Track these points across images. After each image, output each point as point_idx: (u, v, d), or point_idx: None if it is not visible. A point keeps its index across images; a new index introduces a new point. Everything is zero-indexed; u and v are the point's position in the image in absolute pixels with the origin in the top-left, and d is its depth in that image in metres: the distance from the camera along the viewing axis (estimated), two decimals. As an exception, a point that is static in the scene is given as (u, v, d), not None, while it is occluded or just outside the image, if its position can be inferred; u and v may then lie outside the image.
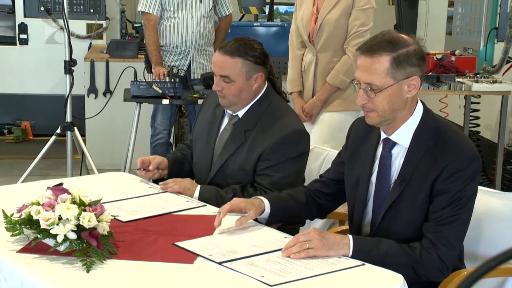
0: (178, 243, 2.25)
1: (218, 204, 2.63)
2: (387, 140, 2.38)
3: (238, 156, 2.88)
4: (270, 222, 2.53)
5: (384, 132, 2.39)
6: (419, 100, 2.37)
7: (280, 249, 2.21)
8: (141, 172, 2.92)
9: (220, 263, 2.12)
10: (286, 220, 2.62)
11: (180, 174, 3.02)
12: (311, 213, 2.65)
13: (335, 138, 3.92)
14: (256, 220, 2.49)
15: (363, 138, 2.50)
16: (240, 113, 2.92)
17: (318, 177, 2.70)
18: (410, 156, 2.33)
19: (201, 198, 2.78)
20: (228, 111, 2.97)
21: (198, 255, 2.17)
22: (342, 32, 3.96)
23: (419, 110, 2.35)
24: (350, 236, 2.26)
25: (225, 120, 2.99)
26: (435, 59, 5.22)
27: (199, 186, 2.84)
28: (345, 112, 3.99)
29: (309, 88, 4.08)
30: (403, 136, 2.34)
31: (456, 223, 2.26)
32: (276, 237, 2.34)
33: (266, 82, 2.94)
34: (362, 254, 2.21)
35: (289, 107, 3.02)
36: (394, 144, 2.37)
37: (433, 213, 2.27)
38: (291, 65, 4.18)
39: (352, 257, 2.21)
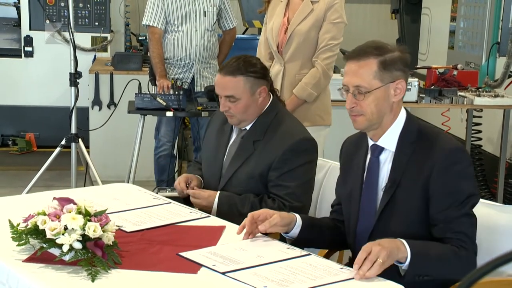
0: (182, 253, 2.27)
1: (233, 216, 2.69)
2: (374, 147, 2.43)
3: (247, 166, 2.91)
4: (299, 239, 2.49)
5: (371, 139, 2.44)
6: (403, 106, 2.43)
7: (283, 260, 2.23)
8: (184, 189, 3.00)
9: (223, 273, 2.13)
10: (314, 240, 2.58)
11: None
12: (338, 238, 2.63)
13: None
14: (283, 240, 2.48)
15: (354, 153, 2.55)
16: (248, 126, 2.97)
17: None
18: (397, 159, 2.37)
19: (219, 207, 2.85)
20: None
21: (202, 265, 2.18)
22: (311, 44, 3.91)
23: (402, 114, 2.42)
24: (402, 240, 2.24)
25: (234, 135, 3.04)
26: (437, 73, 5.24)
27: (217, 196, 2.89)
28: (312, 127, 3.79)
29: None
30: (389, 140, 2.40)
31: (466, 218, 2.29)
32: (279, 248, 2.36)
33: (271, 94, 2.98)
34: (419, 254, 2.21)
35: (294, 116, 3.06)
36: (381, 149, 2.42)
37: (439, 214, 2.29)
38: None
39: (411, 259, 2.19)
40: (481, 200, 2.59)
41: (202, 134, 4.44)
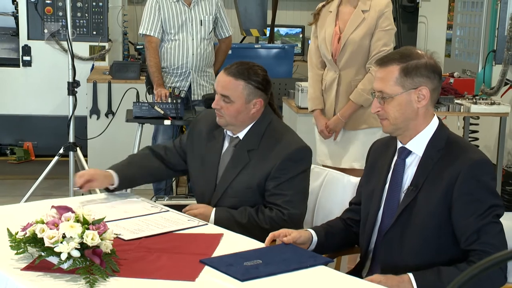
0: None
1: (232, 228, 2.69)
2: (402, 149, 2.49)
3: (244, 176, 2.91)
4: (319, 250, 2.56)
5: (400, 142, 2.49)
6: (435, 115, 2.48)
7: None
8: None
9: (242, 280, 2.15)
10: (326, 249, 2.64)
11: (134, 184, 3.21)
12: (347, 240, 2.71)
13: (364, 156, 3.99)
14: None
15: (381, 153, 2.61)
16: (241, 135, 2.97)
17: (348, 205, 2.77)
18: (423, 164, 2.42)
19: (216, 222, 2.83)
20: (228, 133, 3.01)
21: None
22: (364, 51, 4.08)
23: (434, 122, 2.46)
24: (410, 274, 2.30)
25: (226, 143, 3.03)
26: (434, 81, 5.26)
27: (213, 210, 2.88)
28: (368, 129, 4.08)
29: (330, 105, 4.14)
30: (417, 145, 2.45)
31: (490, 226, 2.30)
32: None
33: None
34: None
35: (288, 126, 3.08)
36: (409, 152, 2.47)
37: (462, 222, 2.31)
38: (311, 84, 4.24)
39: None
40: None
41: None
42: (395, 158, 2.51)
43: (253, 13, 6.95)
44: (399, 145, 2.50)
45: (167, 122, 4.58)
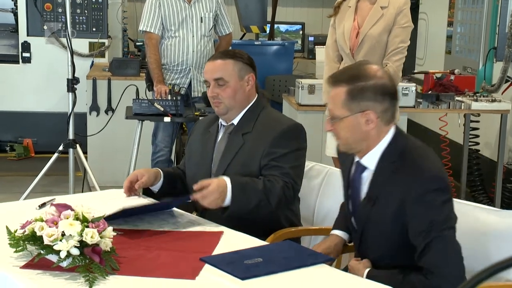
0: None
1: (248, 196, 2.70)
2: (358, 164, 2.45)
3: (240, 157, 2.90)
4: None
5: (357, 156, 2.45)
6: (393, 127, 2.39)
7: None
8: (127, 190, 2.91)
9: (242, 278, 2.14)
10: None
11: (172, 190, 3.05)
12: None
13: None
14: None
15: (344, 161, 2.58)
16: (235, 121, 2.98)
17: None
18: (375, 179, 2.38)
19: (234, 189, 2.70)
20: (223, 122, 3.01)
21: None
22: (382, 47, 4.18)
23: (389, 135, 2.38)
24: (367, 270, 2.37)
25: (220, 133, 3.03)
26: (434, 78, 5.26)
27: (228, 179, 2.73)
28: None
29: None
30: (370, 160, 2.40)
31: (439, 245, 2.25)
32: None
33: (257, 94, 2.99)
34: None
35: (281, 113, 3.10)
36: (364, 168, 2.42)
37: (413, 239, 2.29)
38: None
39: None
40: (478, 204, 2.60)
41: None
42: (353, 171, 2.48)
43: (253, 10, 6.94)
44: (356, 158, 2.46)
45: (167, 119, 4.57)
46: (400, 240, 2.32)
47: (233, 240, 2.46)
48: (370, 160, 2.39)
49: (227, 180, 2.69)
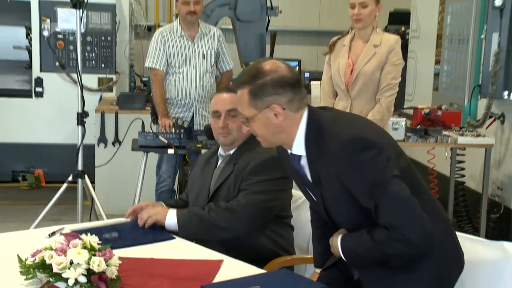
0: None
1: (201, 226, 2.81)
2: (292, 156, 2.44)
3: (227, 183, 2.96)
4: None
5: (288, 149, 2.45)
6: (305, 111, 2.37)
7: None
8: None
9: None
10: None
11: None
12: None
13: None
14: None
15: (285, 161, 2.56)
16: (232, 151, 3.04)
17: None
18: (310, 162, 2.38)
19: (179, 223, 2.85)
20: (221, 152, 3.07)
21: None
22: (375, 83, 4.22)
23: (303, 120, 2.36)
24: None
25: (219, 163, 3.09)
26: (423, 113, 5.27)
27: (174, 211, 2.89)
28: None
29: None
30: (298, 147, 2.39)
31: (387, 202, 2.24)
32: None
33: None
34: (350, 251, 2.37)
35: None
36: (299, 157, 2.42)
37: (363, 203, 2.29)
38: None
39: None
40: (464, 234, 2.59)
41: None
42: (293, 163, 2.46)
43: (253, 47, 6.96)
44: (289, 151, 2.45)
45: (170, 151, 4.59)
46: (359, 209, 2.31)
47: (232, 268, 2.45)
48: (298, 147, 2.38)
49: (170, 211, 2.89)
